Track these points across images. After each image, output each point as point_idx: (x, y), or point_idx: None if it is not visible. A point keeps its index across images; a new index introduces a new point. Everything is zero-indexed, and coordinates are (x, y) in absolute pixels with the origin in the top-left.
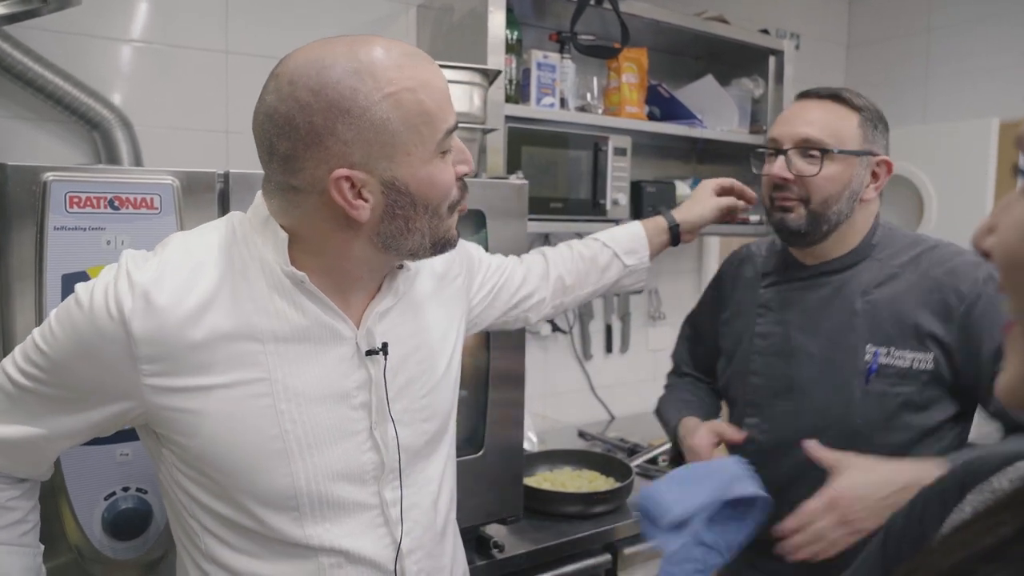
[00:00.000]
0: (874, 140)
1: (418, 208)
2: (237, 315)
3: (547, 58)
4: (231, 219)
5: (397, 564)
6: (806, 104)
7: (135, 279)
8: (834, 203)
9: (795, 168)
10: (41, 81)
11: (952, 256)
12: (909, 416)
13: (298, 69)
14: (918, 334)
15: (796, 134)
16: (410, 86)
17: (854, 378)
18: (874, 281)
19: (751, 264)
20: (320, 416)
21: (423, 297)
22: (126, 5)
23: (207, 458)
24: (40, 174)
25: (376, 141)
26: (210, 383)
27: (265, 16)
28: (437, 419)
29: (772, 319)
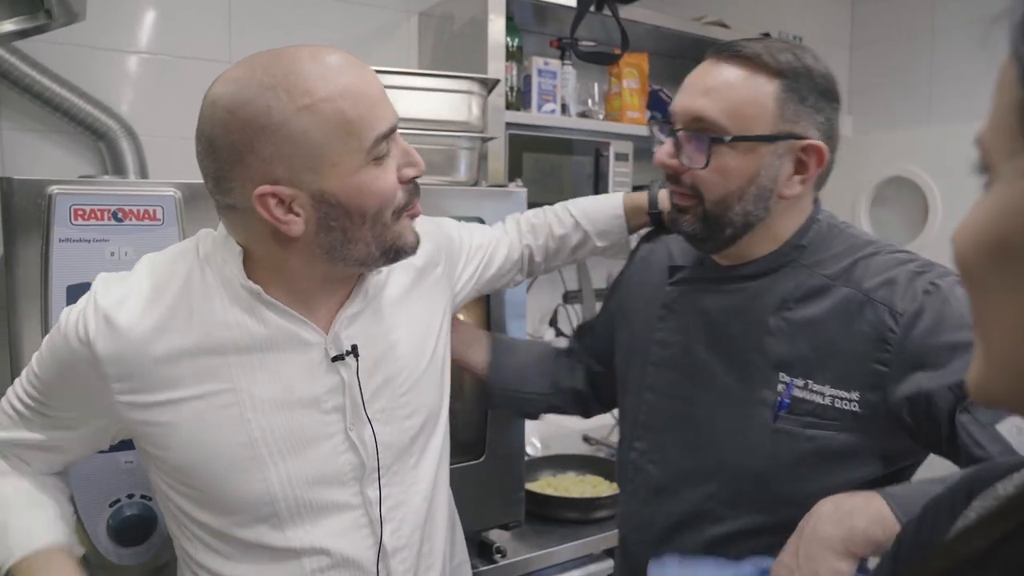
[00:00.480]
0: (799, 117)
1: (354, 218)
2: (197, 330)
3: (548, 64)
4: (197, 238)
5: (380, 563)
6: (712, 66)
7: (99, 303)
8: (735, 202)
9: (684, 154)
10: (48, 93)
11: (891, 266)
12: (824, 467)
13: (219, 89)
14: (841, 367)
15: (688, 109)
16: (327, 96)
17: (761, 412)
18: (796, 293)
19: (664, 252)
20: (290, 422)
21: (401, 293)
22: (130, 17)
23: (183, 469)
24: (45, 187)
25: (297, 155)
26: (178, 396)
27: (267, 26)
28: (421, 414)
29: (673, 325)
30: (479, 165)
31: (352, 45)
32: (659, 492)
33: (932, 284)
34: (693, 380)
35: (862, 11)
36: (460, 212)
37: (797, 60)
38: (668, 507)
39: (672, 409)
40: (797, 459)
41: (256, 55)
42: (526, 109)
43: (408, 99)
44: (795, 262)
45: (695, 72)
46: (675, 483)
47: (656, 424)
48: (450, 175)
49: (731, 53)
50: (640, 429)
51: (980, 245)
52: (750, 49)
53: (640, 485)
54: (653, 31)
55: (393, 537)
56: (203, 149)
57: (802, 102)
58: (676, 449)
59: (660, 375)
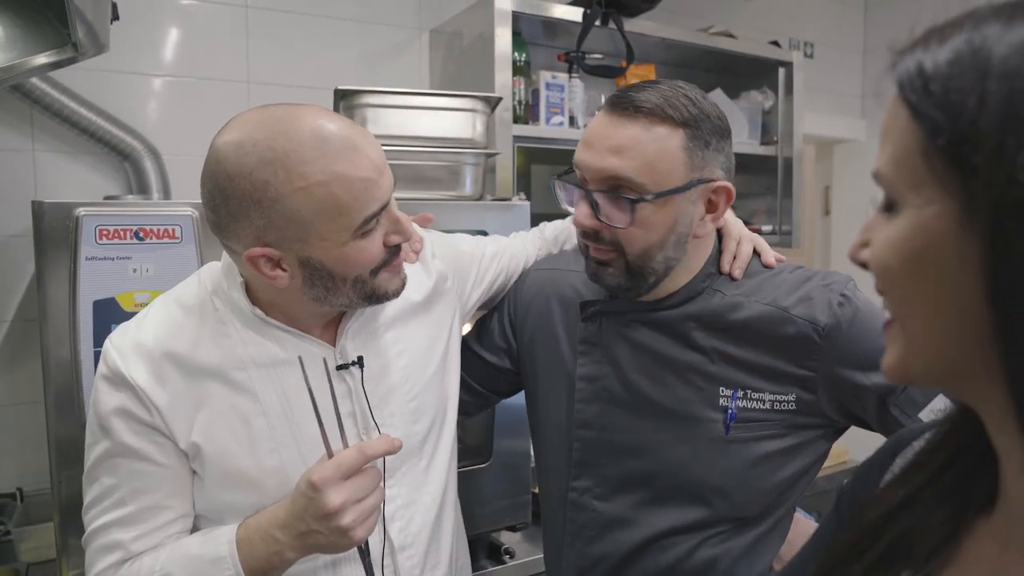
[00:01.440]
0: (705, 162)
1: (336, 280)
2: (219, 350)
3: (555, 78)
4: (199, 273)
5: (387, 558)
6: (615, 122)
7: (116, 344)
8: (657, 252)
9: (603, 214)
10: (76, 117)
11: (800, 283)
12: (774, 464)
13: (223, 149)
14: (774, 373)
15: (601, 169)
16: (322, 180)
17: (711, 427)
18: (719, 313)
19: (563, 284)
20: (307, 429)
21: (411, 307)
22: (153, 42)
23: (219, 477)
24: (72, 210)
25: (288, 228)
26: (211, 411)
27: (283, 47)
28: (427, 419)
29: (597, 358)
30: (485, 179)
31: (366, 62)
32: (610, 526)
33: (843, 296)
34: (631, 410)
35: (875, 16)
36: (465, 225)
37: (695, 106)
38: (622, 538)
39: (612, 441)
40: (751, 463)
41: (265, 116)
42: (534, 122)
43: (413, 118)
44: (709, 287)
45: (597, 128)
46: (628, 513)
47: (594, 460)
48: (455, 190)
49: (633, 108)
50: (576, 468)
51: (902, 258)
52: (650, 102)
53: (584, 524)
54: (661, 42)
55: (401, 534)
56: (205, 199)
57: (706, 147)
58: (623, 480)
59: (591, 410)
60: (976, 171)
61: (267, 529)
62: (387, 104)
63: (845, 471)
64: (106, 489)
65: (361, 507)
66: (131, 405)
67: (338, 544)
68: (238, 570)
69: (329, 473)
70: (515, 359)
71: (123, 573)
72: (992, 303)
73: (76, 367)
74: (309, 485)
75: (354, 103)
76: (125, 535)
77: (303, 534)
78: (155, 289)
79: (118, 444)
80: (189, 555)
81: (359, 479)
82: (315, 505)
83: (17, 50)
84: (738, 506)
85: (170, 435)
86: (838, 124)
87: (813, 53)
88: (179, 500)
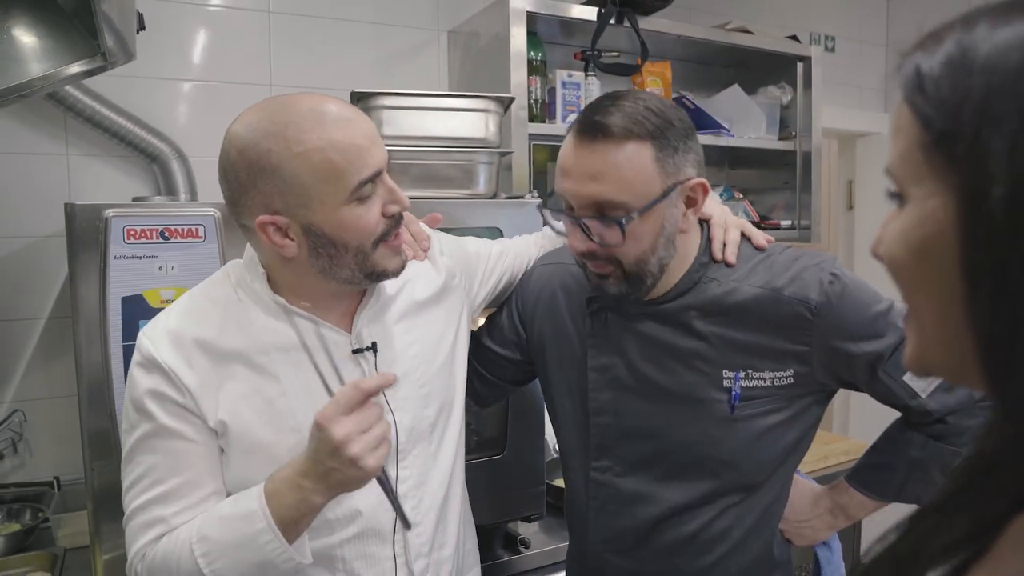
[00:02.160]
0: (678, 165)
1: (338, 248)
2: (244, 336)
3: (571, 77)
4: (226, 268)
5: (397, 534)
6: (586, 148)
7: (147, 333)
8: (650, 256)
9: (596, 235)
10: (107, 122)
11: (791, 263)
12: (776, 435)
13: (235, 128)
14: (772, 352)
15: (585, 196)
16: (319, 146)
17: (718, 407)
18: (715, 299)
19: (567, 278)
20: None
21: (422, 301)
22: (179, 49)
23: (244, 456)
24: (102, 211)
25: (290, 192)
26: (237, 393)
27: (304, 50)
28: (436, 404)
29: (606, 349)
30: (499, 177)
31: (385, 64)
32: (630, 501)
33: (832, 275)
34: (641, 396)
35: (898, 9)
36: (478, 223)
37: (657, 116)
38: (642, 512)
39: (626, 425)
40: (755, 437)
41: (271, 100)
42: (551, 120)
43: (428, 119)
44: (704, 276)
45: (572, 156)
46: (646, 489)
47: (612, 443)
48: (469, 188)
49: (602, 132)
50: (596, 450)
51: (908, 249)
52: (615, 124)
53: (607, 500)
54: (677, 40)
55: (412, 513)
56: (221, 177)
57: (676, 152)
58: (640, 460)
59: (604, 397)
60: (958, 161)
61: (292, 478)
62: (401, 106)
63: None
64: (145, 469)
65: (367, 437)
66: (164, 387)
67: (356, 479)
68: (269, 521)
69: (329, 410)
70: (526, 350)
71: (162, 544)
72: (964, 279)
73: (107, 362)
74: (315, 425)
75: (370, 105)
76: (166, 511)
77: (323, 475)
78: (179, 286)
79: (154, 425)
80: (222, 515)
81: (361, 411)
82: (323, 442)
83: (51, 60)
84: (746, 475)
85: (200, 415)
86: (860, 118)
87: (835, 47)
88: (213, 477)
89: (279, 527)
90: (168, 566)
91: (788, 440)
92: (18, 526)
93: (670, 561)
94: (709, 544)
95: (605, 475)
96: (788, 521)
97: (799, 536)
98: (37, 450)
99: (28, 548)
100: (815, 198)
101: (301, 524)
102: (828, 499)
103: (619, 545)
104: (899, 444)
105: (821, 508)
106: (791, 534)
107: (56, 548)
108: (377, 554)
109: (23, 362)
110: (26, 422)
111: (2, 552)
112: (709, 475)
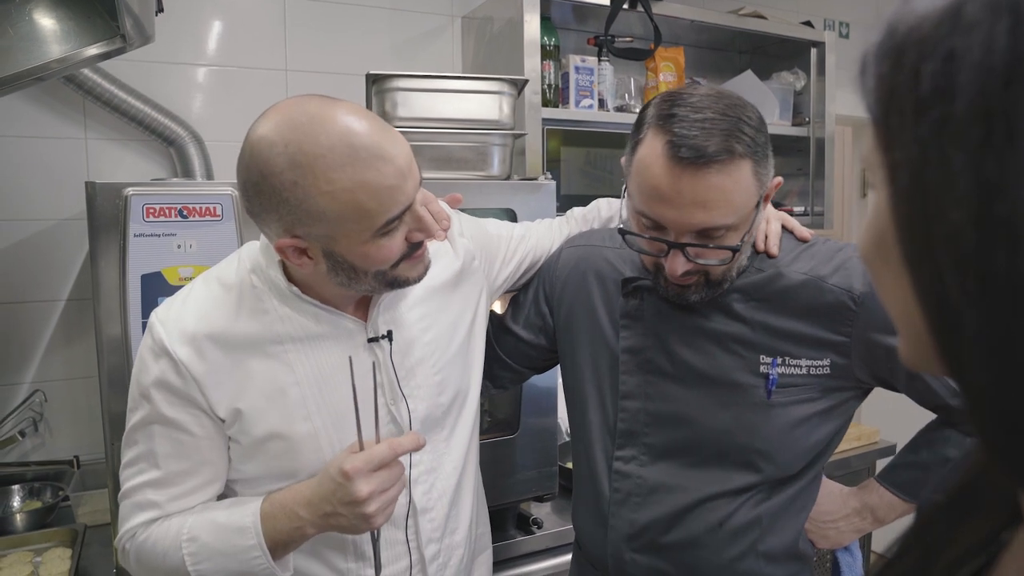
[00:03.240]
0: (767, 173)
1: (358, 272)
2: (257, 324)
3: (585, 62)
4: (239, 252)
5: (409, 519)
6: (688, 178)
7: (160, 317)
8: (735, 264)
9: (695, 257)
10: (125, 106)
11: (834, 253)
12: (812, 426)
13: (257, 144)
14: (811, 340)
15: (690, 225)
16: (348, 187)
17: (754, 393)
18: (758, 283)
19: (600, 260)
20: (339, 399)
21: (439, 285)
22: (195, 34)
23: (256, 446)
24: (122, 190)
25: (313, 225)
26: (249, 382)
27: (319, 35)
28: (450, 392)
29: (639, 331)
30: (512, 160)
31: (400, 49)
32: (655, 491)
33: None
34: (674, 380)
35: None
36: (493, 204)
37: (749, 127)
38: (669, 502)
39: (656, 411)
40: (791, 426)
41: (300, 113)
42: (564, 105)
43: (442, 101)
44: (750, 267)
45: (671, 182)
46: (674, 479)
47: (639, 429)
48: (483, 170)
49: (704, 157)
50: (621, 438)
51: (869, 242)
52: (717, 147)
53: (630, 492)
54: (692, 24)
55: (424, 498)
56: (240, 188)
57: (765, 159)
58: (668, 448)
59: (634, 381)
60: (881, 144)
61: (291, 507)
62: (416, 88)
63: (877, 451)
64: (142, 452)
65: (385, 497)
66: (170, 375)
67: (358, 528)
68: (260, 540)
69: (360, 464)
70: (550, 335)
71: (152, 531)
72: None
73: (127, 339)
74: (341, 473)
75: (385, 87)
76: (159, 496)
77: (327, 515)
78: (198, 264)
79: (155, 413)
80: (216, 522)
81: (386, 471)
82: (344, 491)
83: (71, 42)
84: (780, 466)
85: (205, 405)
86: None
87: (848, 34)
88: (209, 467)
89: (268, 547)
90: (155, 553)
91: (821, 434)
92: (39, 504)
93: (694, 554)
94: (735, 536)
95: (629, 465)
96: (814, 521)
97: (823, 538)
98: (56, 430)
99: (49, 525)
100: (828, 185)
101: (290, 547)
102: (856, 500)
103: (641, 541)
104: (935, 443)
105: (848, 509)
106: (815, 535)
107: (77, 525)
108: (389, 538)
109: (43, 343)
110: (46, 402)
111: (24, 528)
112: (742, 465)
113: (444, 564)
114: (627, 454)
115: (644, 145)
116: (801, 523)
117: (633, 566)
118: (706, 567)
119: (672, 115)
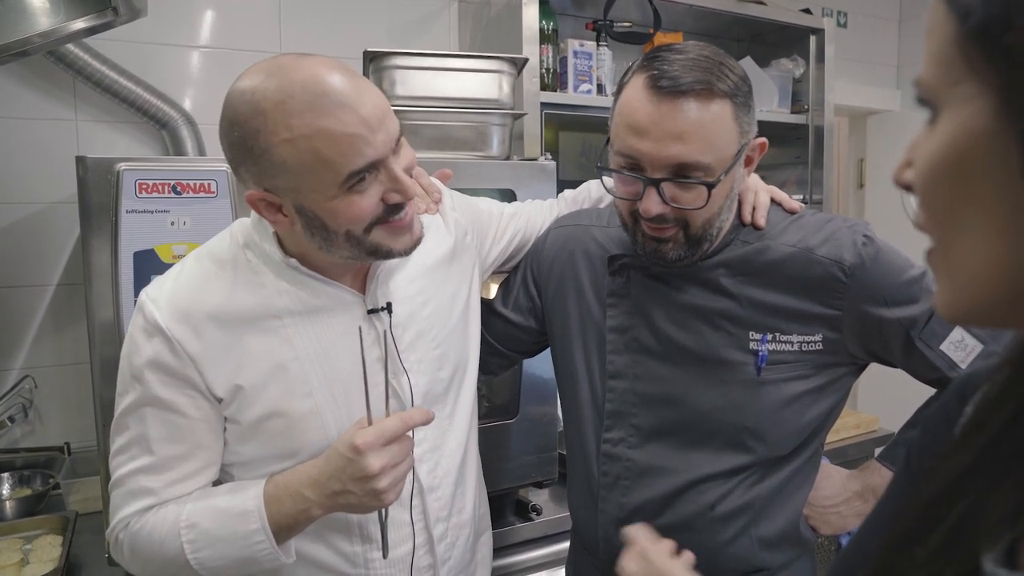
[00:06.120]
0: (749, 124)
1: (329, 230)
2: (254, 299)
3: (583, 46)
4: (231, 228)
5: (415, 498)
6: (666, 105)
7: (151, 295)
8: (716, 219)
9: (671, 199)
10: (116, 87)
11: (823, 223)
12: (803, 404)
13: (232, 94)
14: (801, 314)
15: (667, 158)
16: (306, 134)
17: (743, 370)
18: (745, 256)
19: (587, 239)
20: (341, 373)
21: (434, 260)
22: (189, 15)
23: (256, 424)
24: (114, 165)
25: (278, 176)
26: (247, 360)
27: (315, 18)
28: (450, 366)
29: (625, 309)
30: (511, 142)
31: (397, 33)
32: (645, 474)
33: (865, 236)
34: (662, 358)
35: None
36: (492, 184)
37: (732, 72)
38: (659, 485)
39: (644, 390)
40: (782, 404)
41: (276, 63)
42: (563, 90)
43: (440, 79)
44: (736, 239)
45: (648, 114)
46: (664, 460)
47: (627, 410)
48: (482, 150)
49: (685, 88)
50: (609, 419)
51: (941, 172)
52: (698, 80)
53: (619, 475)
54: (692, 10)
55: (430, 476)
56: (220, 140)
57: (748, 110)
58: (657, 429)
59: (622, 360)
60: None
61: (296, 488)
62: (415, 66)
63: (875, 439)
64: (134, 437)
65: (395, 472)
66: (164, 355)
67: (368, 505)
68: (264, 524)
69: (372, 438)
70: (539, 317)
71: (147, 519)
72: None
73: (118, 318)
74: (352, 448)
75: (382, 65)
76: (154, 483)
77: (335, 493)
78: (192, 241)
79: (148, 395)
80: (216, 507)
81: (396, 446)
82: (354, 467)
83: (60, 15)
84: (772, 446)
85: (201, 385)
86: (872, 94)
87: (847, 22)
88: (205, 451)
89: (273, 531)
90: (152, 542)
91: (815, 413)
92: (29, 491)
93: (686, 537)
94: (728, 520)
95: (617, 447)
96: (813, 507)
97: (825, 523)
98: (47, 416)
99: (39, 513)
100: (827, 173)
101: (295, 530)
102: (857, 482)
103: (633, 519)
104: None
105: (849, 492)
106: (816, 521)
107: (68, 512)
108: (395, 520)
109: (33, 329)
110: (36, 388)
111: (14, 516)
112: (732, 445)
113: (452, 544)
114: (615, 436)
115: (627, 87)
116: (798, 507)
117: (624, 550)
118: (699, 551)
119: (656, 57)
